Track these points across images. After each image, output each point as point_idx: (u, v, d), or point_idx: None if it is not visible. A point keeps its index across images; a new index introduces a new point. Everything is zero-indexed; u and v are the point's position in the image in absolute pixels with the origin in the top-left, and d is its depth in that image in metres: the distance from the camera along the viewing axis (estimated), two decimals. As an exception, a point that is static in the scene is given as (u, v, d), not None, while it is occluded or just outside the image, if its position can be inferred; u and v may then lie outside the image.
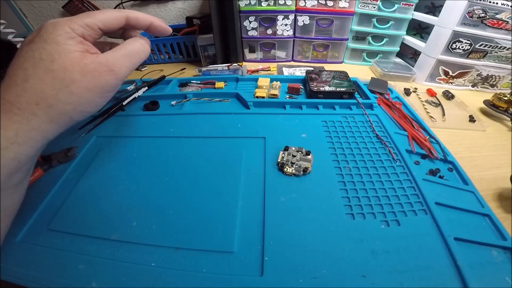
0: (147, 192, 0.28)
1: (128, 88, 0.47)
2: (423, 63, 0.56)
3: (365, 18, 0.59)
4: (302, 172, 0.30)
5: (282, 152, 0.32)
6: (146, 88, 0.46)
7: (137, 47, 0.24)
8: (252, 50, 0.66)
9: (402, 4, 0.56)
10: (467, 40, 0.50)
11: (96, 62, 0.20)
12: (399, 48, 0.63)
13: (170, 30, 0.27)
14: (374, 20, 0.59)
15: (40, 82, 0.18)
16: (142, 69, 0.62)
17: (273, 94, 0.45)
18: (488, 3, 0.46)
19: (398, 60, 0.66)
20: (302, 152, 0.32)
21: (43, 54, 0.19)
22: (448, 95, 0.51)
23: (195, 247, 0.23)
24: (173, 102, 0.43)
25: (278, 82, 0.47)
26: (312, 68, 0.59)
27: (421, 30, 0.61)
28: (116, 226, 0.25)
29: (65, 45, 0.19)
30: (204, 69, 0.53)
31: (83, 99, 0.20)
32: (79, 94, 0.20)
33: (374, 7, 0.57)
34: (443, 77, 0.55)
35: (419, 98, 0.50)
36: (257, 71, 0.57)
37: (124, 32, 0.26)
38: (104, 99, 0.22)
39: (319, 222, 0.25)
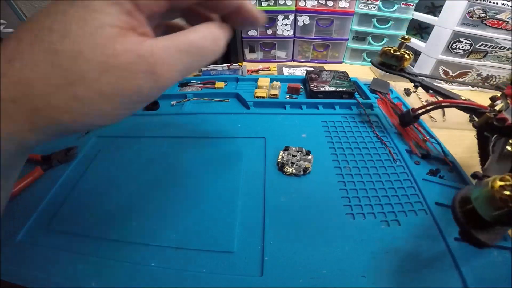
0: (147, 192, 0.28)
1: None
2: (423, 63, 0.56)
3: (365, 18, 0.59)
4: (302, 172, 0.30)
5: (282, 152, 0.32)
6: (146, 88, 0.46)
7: (206, 40, 0.14)
8: (252, 50, 0.66)
9: (402, 4, 0.56)
10: (467, 40, 0.50)
11: (134, 51, 0.12)
12: (399, 48, 0.63)
13: (262, 20, 0.17)
14: (374, 20, 0.59)
15: (30, 68, 0.11)
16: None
17: (273, 94, 0.45)
18: (488, 3, 0.46)
19: (398, 60, 0.66)
20: (302, 152, 0.32)
21: (57, 22, 0.11)
22: (448, 95, 0.51)
23: (195, 247, 0.23)
24: (173, 102, 0.43)
25: (278, 82, 0.47)
26: (312, 68, 0.59)
27: (421, 30, 0.61)
28: (116, 226, 0.25)
29: (100, 13, 0.12)
30: (204, 69, 0.53)
31: (92, 109, 0.12)
32: (86, 101, 0.12)
33: (374, 7, 0.57)
34: (443, 77, 0.55)
35: (419, 98, 0.50)
36: (257, 71, 0.57)
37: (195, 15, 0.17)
38: (127, 112, 0.14)
39: (319, 222, 0.25)
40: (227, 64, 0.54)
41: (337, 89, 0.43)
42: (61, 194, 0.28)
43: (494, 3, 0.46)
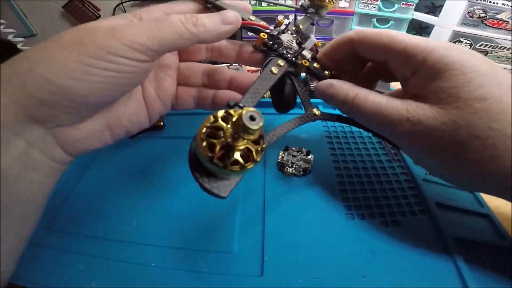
0: (147, 192, 0.28)
1: (128, 88, 0.47)
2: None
3: (365, 18, 0.59)
4: (302, 172, 0.30)
5: (282, 152, 0.32)
6: (146, 88, 0.45)
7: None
8: (252, 50, 0.66)
9: (402, 4, 0.56)
10: (467, 40, 0.50)
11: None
12: (399, 48, 0.63)
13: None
14: (374, 20, 0.58)
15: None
16: (142, 69, 0.62)
17: (273, 94, 0.45)
18: (488, 3, 0.46)
19: (398, 60, 0.66)
20: (302, 152, 0.32)
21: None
22: (448, 95, 0.51)
23: (195, 247, 0.23)
24: (173, 102, 0.43)
25: (278, 82, 0.47)
26: (312, 68, 0.59)
27: (421, 30, 0.61)
28: (116, 226, 0.25)
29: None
30: (204, 69, 0.53)
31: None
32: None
33: (374, 7, 0.57)
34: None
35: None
36: (257, 71, 0.57)
37: None
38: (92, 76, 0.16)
39: (319, 222, 0.25)
40: (227, 64, 0.54)
41: (337, 89, 0.43)
42: (61, 194, 0.28)
43: (494, 3, 0.46)
